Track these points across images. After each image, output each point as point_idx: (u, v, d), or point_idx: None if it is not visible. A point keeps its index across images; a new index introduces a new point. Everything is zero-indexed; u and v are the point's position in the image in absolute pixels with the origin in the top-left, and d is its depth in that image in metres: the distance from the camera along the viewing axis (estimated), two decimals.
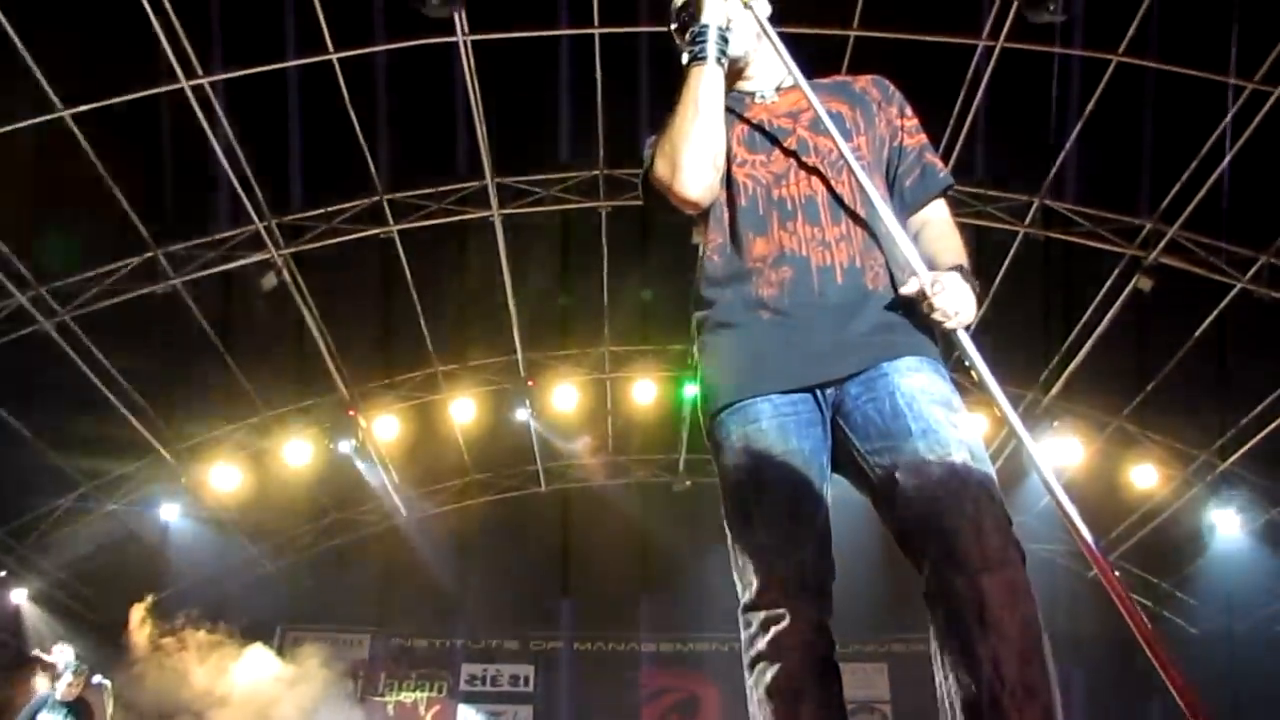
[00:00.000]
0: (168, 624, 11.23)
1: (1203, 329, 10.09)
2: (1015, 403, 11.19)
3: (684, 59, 2.32)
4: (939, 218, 2.36)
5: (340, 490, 13.15)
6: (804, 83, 2.27)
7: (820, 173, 2.25)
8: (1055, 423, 11.62)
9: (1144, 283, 9.63)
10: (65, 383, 9.91)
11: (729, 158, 2.30)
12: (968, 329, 2.07)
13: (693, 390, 10.87)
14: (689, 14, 2.36)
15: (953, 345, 2.12)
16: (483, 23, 8.07)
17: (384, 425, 11.94)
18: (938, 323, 2.07)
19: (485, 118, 8.83)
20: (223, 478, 11.72)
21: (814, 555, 2.03)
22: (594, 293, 11.08)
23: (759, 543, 2.04)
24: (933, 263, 2.18)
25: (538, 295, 11.03)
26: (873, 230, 2.20)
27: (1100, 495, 11.86)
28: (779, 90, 2.42)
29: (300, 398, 11.82)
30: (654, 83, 7.95)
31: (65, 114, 7.93)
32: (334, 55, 8.19)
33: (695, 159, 2.22)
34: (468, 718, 13.59)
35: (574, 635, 14.21)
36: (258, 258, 9.70)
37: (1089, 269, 10.11)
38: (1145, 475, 11.94)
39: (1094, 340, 10.58)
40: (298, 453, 11.75)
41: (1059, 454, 11.46)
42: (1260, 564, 12.13)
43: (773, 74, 2.44)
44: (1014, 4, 7.79)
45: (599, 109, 9.05)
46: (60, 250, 9.17)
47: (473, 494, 14.36)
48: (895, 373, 2.06)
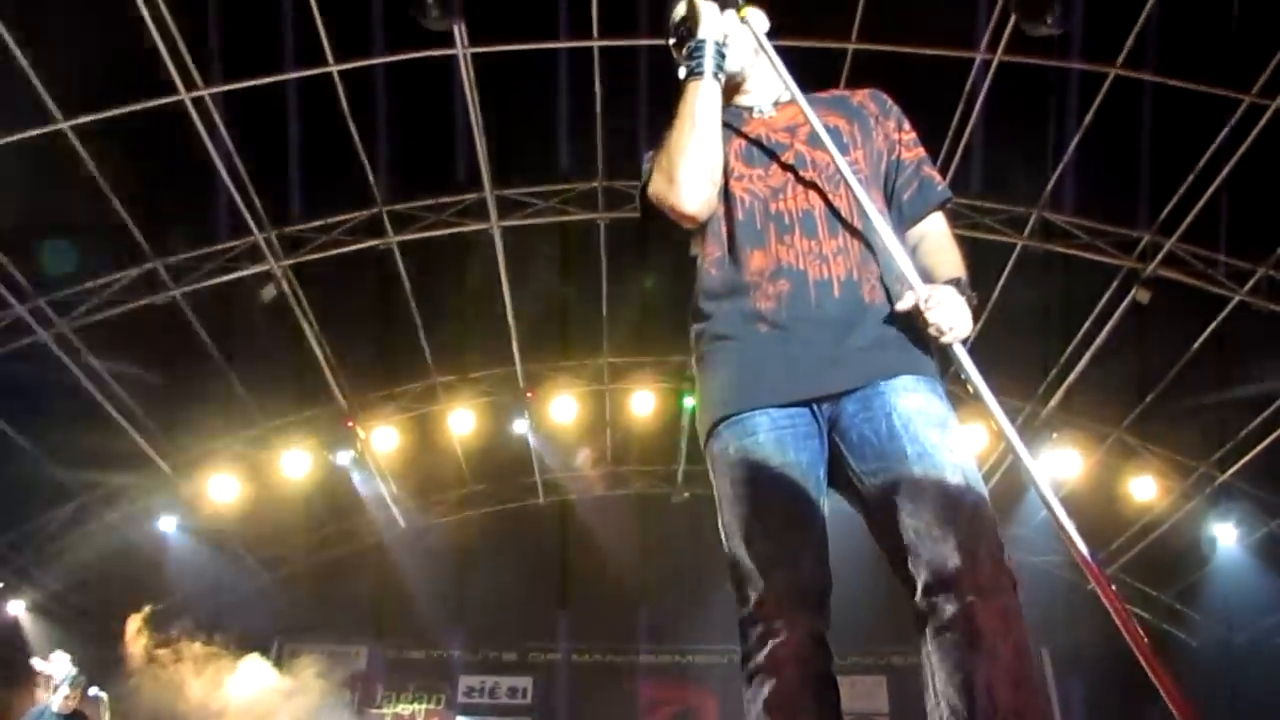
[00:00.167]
0: (164, 635, 11.19)
1: (1201, 341, 10.10)
2: (1014, 415, 11.24)
3: (681, 74, 2.33)
4: (937, 231, 2.37)
5: (338, 502, 13.12)
6: (800, 97, 2.28)
7: (818, 187, 2.26)
8: (1054, 435, 11.62)
9: (1142, 295, 9.64)
10: (63, 394, 9.90)
11: (727, 172, 2.30)
12: (965, 343, 2.07)
13: (692, 402, 10.90)
14: (686, 29, 2.37)
15: (950, 359, 2.12)
16: (482, 35, 8.10)
17: (382, 437, 11.93)
18: (933, 337, 2.07)
19: (484, 130, 8.84)
20: (221, 489, 11.69)
21: (811, 567, 2.03)
22: (593, 304, 11.09)
23: (756, 555, 2.04)
24: (930, 276, 2.18)
25: (537, 307, 11.04)
26: (870, 244, 2.20)
27: (1099, 507, 11.85)
28: (777, 105, 2.43)
29: (299, 409, 11.80)
30: (653, 95, 7.97)
31: (65, 125, 7.95)
32: (334, 68, 8.21)
33: (693, 173, 2.22)
34: None
35: (572, 647, 14.18)
36: (257, 269, 9.71)
37: (1087, 281, 10.12)
38: (1144, 487, 11.92)
39: (1092, 352, 10.58)
40: (296, 464, 11.73)
41: (1058, 466, 11.45)
42: (1260, 577, 12.09)
43: (771, 89, 2.45)
44: (1012, 17, 7.82)
45: (598, 121, 9.08)
46: (59, 261, 9.17)
47: (471, 506, 14.33)
48: (892, 392, 2.06)
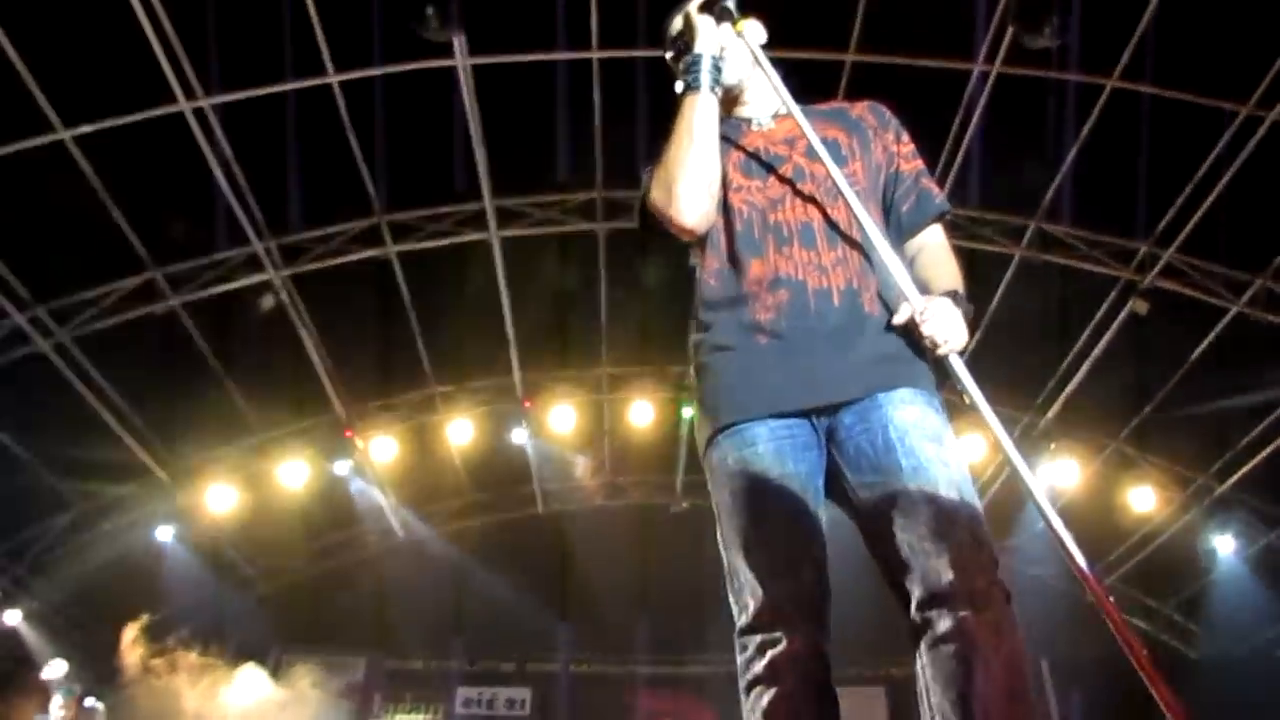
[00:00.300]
0: (160, 645, 11.16)
1: (1199, 352, 10.11)
2: (1012, 425, 11.25)
3: (679, 87, 2.34)
4: (935, 243, 2.38)
5: (336, 512, 13.10)
6: (797, 110, 2.28)
7: (816, 199, 2.27)
8: (1052, 445, 11.62)
9: (1140, 306, 9.66)
10: (61, 403, 9.90)
11: (725, 184, 2.31)
12: (961, 354, 2.08)
13: (690, 412, 10.90)
14: (683, 43, 2.38)
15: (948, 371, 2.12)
16: (481, 46, 8.12)
17: (381, 446, 11.91)
18: (929, 349, 2.08)
19: (484, 140, 8.86)
20: (218, 499, 11.67)
21: (810, 578, 2.03)
22: (591, 314, 11.10)
23: (755, 565, 2.04)
24: (928, 288, 2.19)
25: (535, 316, 11.05)
26: (868, 256, 2.21)
27: (1098, 518, 11.85)
28: (775, 117, 2.44)
29: (297, 419, 11.80)
30: (651, 106, 8.00)
31: (65, 135, 7.96)
32: (333, 78, 8.24)
33: (691, 186, 2.23)
34: None
35: (571, 658, 14.14)
36: (256, 279, 9.72)
37: (1085, 292, 10.14)
38: (1143, 498, 11.91)
39: (1091, 363, 10.60)
40: (294, 474, 11.72)
41: (1056, 476, 11.45)
42: (1260, 588, 12.09)
43: (769, 101, 2.46)
44: (1010, 29, 7.84)
45: (597, 132, 9.10)
46: (58, 270, 9.17)
47: (470, 516, 14.31)
48: (889, 405, 2.07)
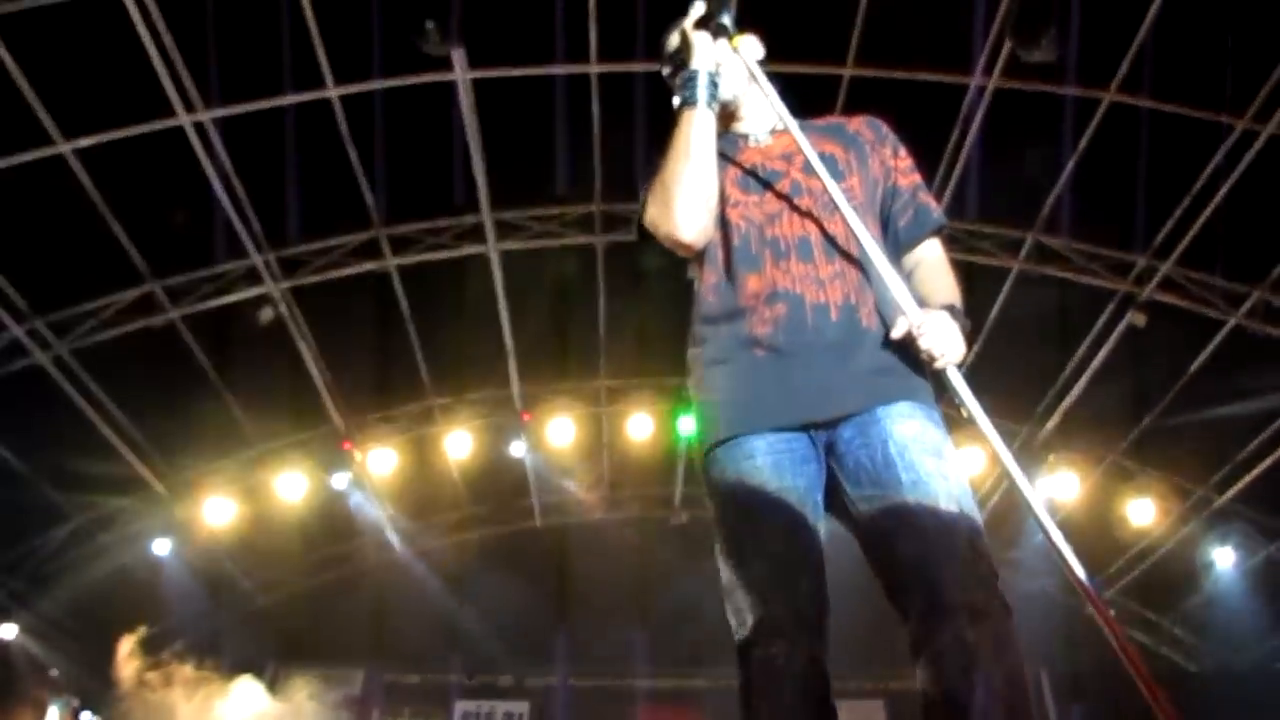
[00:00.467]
0: (156, 658, 11.13)
1: (1198, 364, 10.12)
2: (1010, 438, 11.25)
3: (675, 103, 2.35)
4: (933, 257, 2.39)
5: (335, 524, 13.07)
6: (794, 126, 2.29)
7: (813, 214, 2.28)
8: (1051, 458, 11.62)
9: (1138, 318, 9.67)
10: (59, 416, 9.89)
11: (723, 199, 2.32)
12: (959, 367, 2.09)
13: (689, 425, 10.89)
14: (680, 59, 2.39)
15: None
16: (481, 60, 8.15)
17: (379, 459, 11.90)
18: (927, 363, 2.09)
19: (483, 153, 8.88)
20: (216, 512, 11.65)
21: (809, 591, 2.03)
22: (590, 327, 11.11)
23: (754, 579, 2.04)
24: (925, 302, 2.20)
25: (534, 329, 11.05)
26: (866, 270, 2.22)
27: (1097, 530, 11.83)
28: (773, 133, 2.45)
29: (295, 431, 11.79)
30: (650, 119, 8.02)
31: (65, 149, 7.98)
32: (333, 92, 8.26)
33: (688, 202, 2.24)
34: None
35: (570, 671, 14.09)
36: (255, 291, 9.72)
37: (1083, 304, 10.15)
38: (1142, 510, 11.89)
39: (1089, 376, 10.60)
40: (292, 486, 11.70)
41: (1055, 489, 11.44)
42: (1259, 601, 12.06)
43: (766, 116, 2.47)
44: (1007, 43, 7.87)
45: (595, 145, 9.13)
46: (57, 283, 9.18)
47: (468, 528, 14.29)
48: (889, 419, 2.08)
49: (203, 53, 7.68)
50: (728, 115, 2.47)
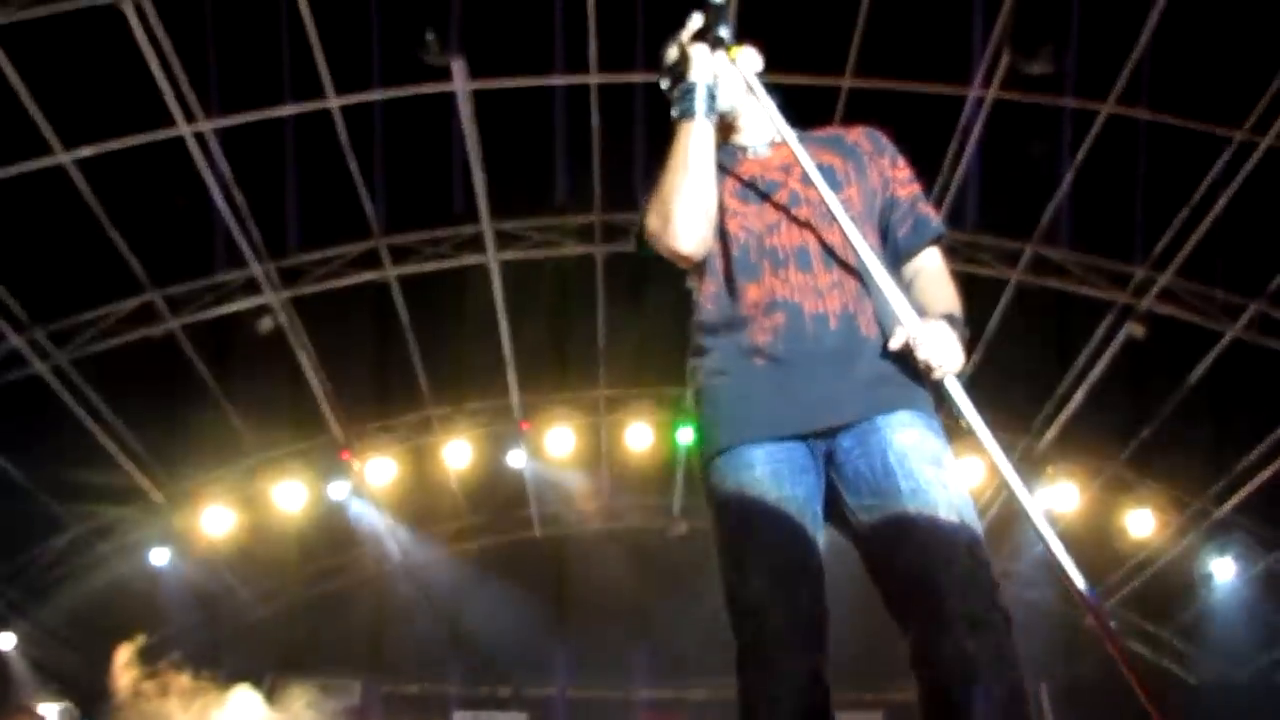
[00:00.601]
0: (153, 668, 11.09)
1: (1197, 376, 10.12)
2: (1009, 449, 11.21)
3: (674, 115, 2.36)
4: (932, 267, 2.40)
5: (333, 534, 13.04)
6: (791, 137, 2.30)
7: (811, 223, 2.28)
8: (1050, 469, 11.61)
9: (1137, 330, 9.68)
10: (58, 426, 9.89)
11: (722, 210, 2.33)
12: (958, 377, 2.09)
13: (688, 435, 10.89)
14: (678, 72, 2.40)
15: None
16: (481, 70, 8.17)
17: (378, 468, 11.88)
18: (925, 372, 2.09)
19: (482, 164, 8.90)
20: (214, 522, 11.63)
21: (808, 602, 2.03)
22: (589, 337, 11.11)
23: (754, 588, 2.04)
24: (925, 312, 2.20)
25: (533, 339, 11.06)
26: (865, 280, 2.23)
27: (1096, 541, 11.81)
28: (771, 144, 2.46)
29: (294, 441, 11.77)
30: (649, 129, 8.04)
31: (65, 159, 7.99)
32: (333, 102, 8.27)
33: (687, 214, 2.25)
34: None
35: (568, 682, 14.05)
36: (255, 301, 9.73)
37: (1082, 316, 10.16)
38: (1141, 521, 11.87)
39: (1088, 387, 10.60)
40: (290, 496, 11.67)
41: (1054, 500, 11.43)
42: (1259, 612, 12.04)
43: (765, 128, 2.47)
44: (1006, 55, 7.90)
45: (595, 155, 9.14)
46: (56, 292, 9.18)
47: (467, 538, 14.26)
48: (888, 428, 2.08)
49: (203, 63, 7.70)
50: (727, 127, 2.48)
